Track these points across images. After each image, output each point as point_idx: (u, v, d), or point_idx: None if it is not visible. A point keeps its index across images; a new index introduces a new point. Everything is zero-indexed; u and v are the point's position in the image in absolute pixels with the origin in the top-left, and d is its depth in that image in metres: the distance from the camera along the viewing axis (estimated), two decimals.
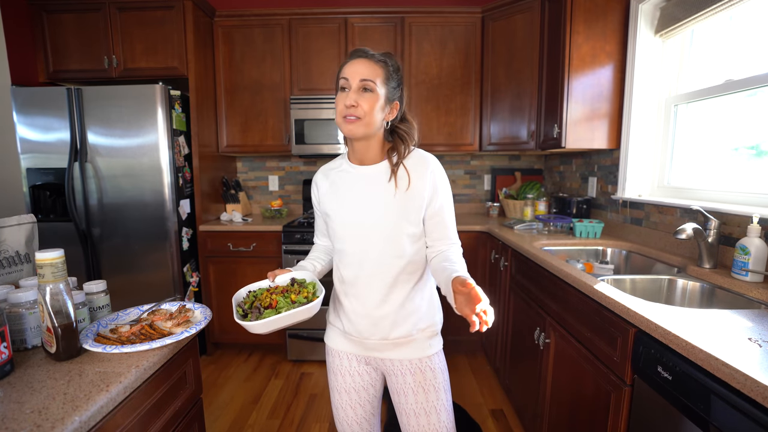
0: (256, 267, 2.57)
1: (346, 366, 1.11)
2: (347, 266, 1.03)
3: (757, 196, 1.44)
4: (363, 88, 0.95)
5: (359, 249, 1.01)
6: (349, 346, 1.09)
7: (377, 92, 0.96)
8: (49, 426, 0.58)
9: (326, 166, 1.12)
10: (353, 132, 0.97)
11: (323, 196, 1.08)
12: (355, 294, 1.03)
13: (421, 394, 1.04)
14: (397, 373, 1.06)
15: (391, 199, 0.98)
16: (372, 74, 0.95)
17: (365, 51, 0.98)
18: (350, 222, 1.01)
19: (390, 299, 1.01)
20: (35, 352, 0.82)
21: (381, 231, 0.99)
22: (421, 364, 1.05)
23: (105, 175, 2.31)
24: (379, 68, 0.97)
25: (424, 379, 1.04)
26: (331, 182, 1.07)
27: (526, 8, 2.41)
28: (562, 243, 1.96)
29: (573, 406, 1.35)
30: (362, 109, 0.95)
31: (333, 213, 1.04)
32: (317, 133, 2.65)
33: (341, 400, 1.12)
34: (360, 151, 1.03)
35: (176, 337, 0.85)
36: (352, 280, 1.03)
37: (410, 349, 1.04)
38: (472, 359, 2.59)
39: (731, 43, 1.61)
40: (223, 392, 2.26)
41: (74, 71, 2.49)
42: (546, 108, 2.31)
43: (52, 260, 0.75)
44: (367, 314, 1.02)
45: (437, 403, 1.05)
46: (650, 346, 0.95)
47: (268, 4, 2.88)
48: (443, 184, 1.02)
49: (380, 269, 1.00)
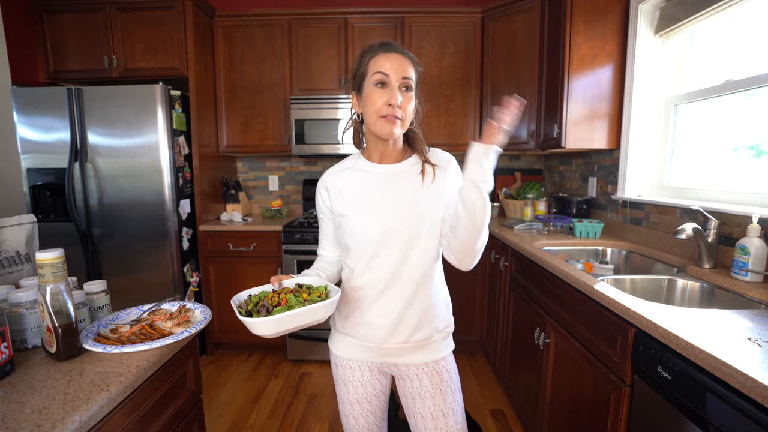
0: (256, 267, 2.57)
1: (358, 377, 1.06)
2: (372, 269, 0.97)
3: (757, 196, 1.44)
4: (405, 86, 0.91)
5: (386, 249, 0.95)
6: (363, 355, 1.04)
7: (412, 93, 0.93)
8: (50, 426, 0.58)
9: (336, 167, 1.05)
10: (394, 134, 0.92)
11: (337, 198, 1.01)
12: (378, 299, 0.97)
13: (439, 396, 1.02)
14: (412, 377, 1.03)
15: (420, 195, 0.95)
16: (411, 72, 0.92)
17: (400, 46, 0.94)
18: (376, 222, 0.95)
19: (416, 300, 0.97)
20: (35, 352, 0.82)
21: (411, 229, 0.94)
22: (437, 366, 1.02)
23: (105, 175, 2.31)
24: (414, 66, 0.93)
25: (441, 381, 1.02)
26: (346, 182, 1.01)
27: (526, 8, 2.41)
28: (562, 243, 1.96)
29: (573, 406, 1.35)
30: (404, 110, 0.91)
31: (353, 214, 0.98)
32: (317, 133, 2.65)
33: (352, 410, 1.08)
34: (387, 149, 0.99)
35: (176, 337, 0.85)
36: (375, 284, 0.97)
37: (427, 351, 1.02)
38: (472, 359, 2.59)
39: (731, 43, 1.61)
40: (223, 392, 2.26)
41: (74, 71, 2.49)
42: (546, 108, 2.31)
43: (52, 260, 0.75)
44: (392, 318, 0.97)
45: (454, 405, 1.03)
46: (650, 346, 0.95)
47: (268, 4, 2.88)
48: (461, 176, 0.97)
49: (409, 269, 0.96)
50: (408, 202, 0.96)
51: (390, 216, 0.95)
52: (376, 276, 0.97)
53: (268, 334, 0.79)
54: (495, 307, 2.28)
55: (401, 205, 0.96)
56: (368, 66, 0.92)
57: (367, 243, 0.96)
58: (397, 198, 0.96)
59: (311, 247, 2.46)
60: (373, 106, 0.91)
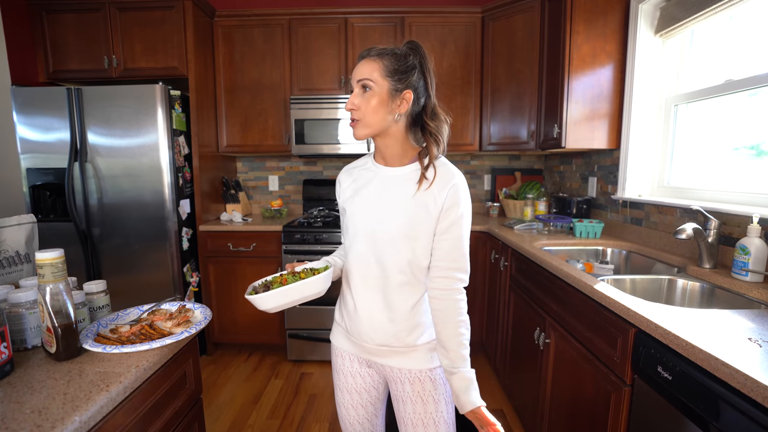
0: (256, 267, 2.57)
1: (348, 367, 1.09)
2: (355, 266, 1.00)
3: (757, 196, 1.44)
4: (362, 87, 0.93)
5: (368, 249, 0.97)
6: (351, 347, 1.07)
7: (375, 89, 0.91)
8: (49, 426, 0.58)
9: (352, 164, 1.10)
10: (355, 134, 0.95)
11: (344, 192, 1.06)
12: (359, 296, 1.00)
13: (419, 404, 1.01)
14: (396, 381, 1.04)
15: (408, 201, 0.94)
16: (368, 71, 0.91)
17: (367, 50, 0.95)
18: (363, 221, 0.98)
19: (396, 306, 0.98)
20: (35, 352, 0.82)
21: (393, 234, 0.94)
22: (421, 374, 1.01)
23: (105, 175, 2.31)
24: (377, 62, 0.92)
25: (423, 390, 1.01)
26: (354, 179, 1.05)
27: (526, 8, 2.41)
28: (562, 243, 1.96)
29: (573, 406, 1.35)
30: (360, 110, 0.93)
31: (349, 210, 1.02)
32: (317, 133, 2.65)
33: (344, 399, 1.12)
34: (381, 149, 1.00)
35: (176, 337, 0.85)
36: (357, 281, 1.00)
37: (411, 359, 1.01)
38: (472, 359, 2.57)
39: (731, 43, 1.61)
40: (223, 392, 2.26)
41: (74, 71, 2.49)
42: (546, 108, 2.31)
43: (52, 260, 0.75)
44: (370, 318, 0.99)
45: (436, 415, 1.01)
46: (650, 346, 0.95)
47: (268, 4, 2.88)
48: (465, 202, 0.95)
49: (386, 273, 0.96)
50: (393, 208, 0.95)
51: (374, 218, 0.97)
52: (358, 273, 1.00)
53: (267, 308, 0.88)
54: (495, 307, 2.28)
55: (386, 209, 0.96)
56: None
57: (352, 239, 1.00)
58: (386, 201, 0.97)
59: (311, 246, 2.46)
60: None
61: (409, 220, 0.94)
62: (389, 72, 0.92)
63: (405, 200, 0.95)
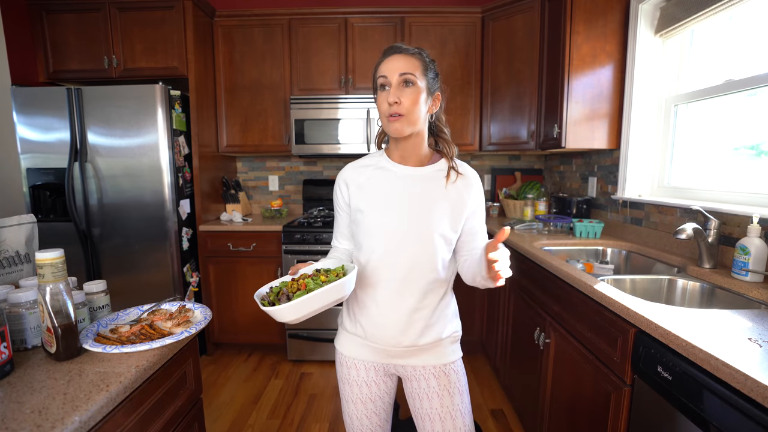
0: (256, 267, 2.57)
1: (363, 377, 1.05)
2: (380, 268, 0.97)
3: (757, 196, 1.44)
4: (404, 82, 0.92)
5: (397, 249, 0.95)
6: (369, 355, 1.04)
7: (418, 85, 0.93)
8: (49, 426, 0.58)
9: (356, 163, 1.06)
10: (400, 131, 0.93)
11: (355, 192, 1.01)
12: (387, 299, 0.97)
13: (446, 397, 1.02)
14: (419, 378, 1.04)
15: (441, 203, 0.96)
16: (410, 67, 0.92)
17: (399, 46, 0.95)
18: (391, 221, 0.96)
19: (425, 304, 0.98)
20: (35, 352, 0.82)
21: (425, 232, 0.95)
22: (446, 368, 1.03)
23: (105, 175, 2.31)
24: (416, 60, 0.93)
25: (448, 382, 1.03)
26: (367, 178, 1.01)
27: (526, 8, 2.41)
28: (562, 243, 1.96)
29: (573, 406, 1.35)
30: (404, 105, 0.92)
31: (368, 209, 0.98)
32: (317, 133, 2.65)
33: (356, 411, 1.07)
34: (407, 149, 0.99)
35: (176, 337, 0.85)
36: (385, 284, 0.97)
37: (435, 355, 1.03)
38: (472, 359, 2.59)
39: (731, 43, 1.61)
40: (223, 392, 2.26)
41: (74, 71, 2.49)
42: (546, 108, 2.31)
43: (52, 260, 0.75)
44: (399, 320, 0.97)
45: (461, 406, 1.04)
46: (650, 346, 0.95)
47: (268, 4, 2.88)
48: (483, 198, 1.04)
49: (419, 272, 0.96)
50: (427, 209, 0.96)
51: (407, 220, 0.96)
52: (386, 277, 0.97)
53: (291, 319, 0.79)
54: (495, 307, 2.28)
55: (419, 211, 0.96)
56: (375, 73, 0.97)
57: (380, 242, 0.97)
58: (417, 203, 0.97)
59: (311, 247, 2.46)
60: (380, 109, 0.96)
61: (443, 217, 0.96)
62: (425, 72, 0.95)
63: (437, 199, 0.97)
